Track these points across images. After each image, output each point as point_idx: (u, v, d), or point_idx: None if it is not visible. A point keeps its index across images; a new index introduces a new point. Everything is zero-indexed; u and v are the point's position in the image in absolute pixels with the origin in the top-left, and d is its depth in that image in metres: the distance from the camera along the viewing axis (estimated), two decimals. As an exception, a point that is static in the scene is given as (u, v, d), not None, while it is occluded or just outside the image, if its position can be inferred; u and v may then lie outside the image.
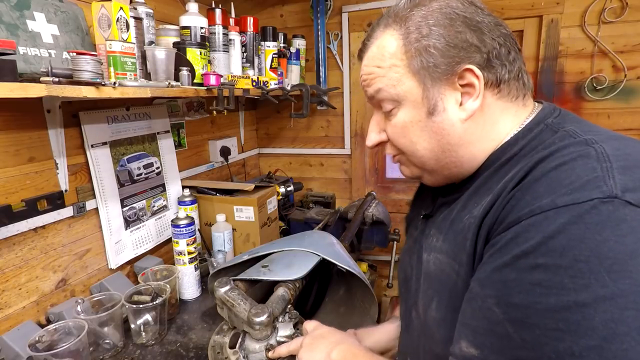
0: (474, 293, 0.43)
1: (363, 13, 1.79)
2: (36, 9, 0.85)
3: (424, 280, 0.60)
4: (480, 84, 0.51)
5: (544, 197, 0.39)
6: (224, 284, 0.83)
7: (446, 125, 0.53)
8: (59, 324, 0.84)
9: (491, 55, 0.51)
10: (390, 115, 0.57)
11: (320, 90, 1.79)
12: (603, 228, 0.35)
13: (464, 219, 0.52)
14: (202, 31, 1.16)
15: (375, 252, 1.92)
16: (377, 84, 0.56)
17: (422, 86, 0.53)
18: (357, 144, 1.93)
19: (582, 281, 0.34)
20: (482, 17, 0.52)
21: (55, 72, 0.71)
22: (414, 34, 0.52)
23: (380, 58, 0.55)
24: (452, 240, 0.54)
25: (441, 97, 0.53)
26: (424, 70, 0.52)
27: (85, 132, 1.06)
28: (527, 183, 0.43)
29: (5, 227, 0.88)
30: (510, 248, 0.40)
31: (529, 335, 0.36)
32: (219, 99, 1.12)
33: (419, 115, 0.54)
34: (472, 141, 0.54)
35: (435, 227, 0.61)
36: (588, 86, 1.53)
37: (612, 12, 1.46)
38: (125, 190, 1.20)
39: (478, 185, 0.54)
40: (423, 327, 0.59)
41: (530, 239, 0.38)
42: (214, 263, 1.19)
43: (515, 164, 0.49)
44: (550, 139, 0.48)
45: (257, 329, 0.75)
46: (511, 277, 0.38)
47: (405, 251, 0.74)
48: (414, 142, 0.56)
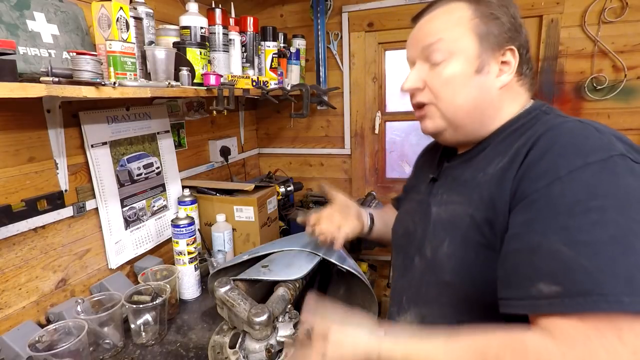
0: (536, 242, 0.49)
1: (363, 13, 1.78)
2: (36, 9, 0.85)
3: (434, 227, 0.70)
4: (515, 63, 0.64)
5: (574, 158, 0.49)
6: (224, 284, 0.83)
7: (486, 85, 0.64)
8: (59, 324, 0.84)
9: (523, 48, 0.65)
10: (439, 66, 0.66)
11: (320, 90, 1.79)
12: (625, 174, 0.47)
13: (478, 177, 0.64)
14: (202, 31, 1.16)
15: (375, 252, 1.91)
16: (439, 35, 0.65)
17: (479, 47, 0.63)
18: (357, 143, 1.93)
19: (627, 214, 0.45)
20: (521, 22, 0.66)
21: (55, 72, 0.71)
22: (483, 8, 0.64)
23: (447, 17, 0.65)
24: (466, 194, 0.64)
25: (488, 62, 0.64)
26: (484, 34, 0.63)
27: (85, 132, 1.06)
28: (546, 148, 0.53)
29: (5, 227, 0.88)
30: (560, 199, 0.48)
31: (601, 261, 0.43)
32: (219, 99, 1.12)
33: (468, 70, 0.64)
34: (498, 108, 0.66)
35: (443, 188, 0.73)
36: (588, 86, 1.53)
37: (612, 12, 1.46)
38: (125, 190, 1.20)
39: (488, 152, 0.66)
40: (430, 265, 0.69)
41: (577, 190, 0.48)
42: (214, 263, 1.19)
43: (520, 135, 0.61)
44: (545, 118, 0.62)
45: (257, 329, 0.75)
46: (570, 222, 0.46)
47: (406, 212, 0.83)
48: (455, 92, 0.65)
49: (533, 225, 0.50)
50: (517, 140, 0.60)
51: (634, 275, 0.42)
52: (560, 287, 0.45)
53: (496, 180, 0.59)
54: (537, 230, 0.49)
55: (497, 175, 0.59)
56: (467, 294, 0.63)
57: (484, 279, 0.58)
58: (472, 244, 0.61)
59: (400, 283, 0.79)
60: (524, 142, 0.58)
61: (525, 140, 0.58)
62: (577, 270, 0.44)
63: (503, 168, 0.59)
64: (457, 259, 0.63)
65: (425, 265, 0.70)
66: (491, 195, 0.58)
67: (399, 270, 0.81)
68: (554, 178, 0.49)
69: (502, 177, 0.58)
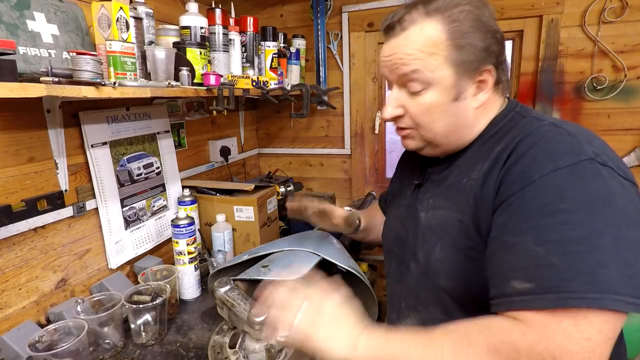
0: (511, 242, 0.52)
1: (363, 13, 1.78)
2: (36, 9, 0.85)
3: (424, 233, 0.71)
4: (491, 82, 0.64)
5: (546, 163, 0.52)
6: (224, 284, 0.83)
7: (463, 110, 0.65)
8: (59, 324, 0.84)
9: (500, 59, 0.65)
10: (417, 95, 0.66)
11: (320, 90, 1.78)
12: (593, 178, 0.50)
13: (462, 182, 0.65)
14: (202, 31, 1.16)
15: (375, 252, 1.91)
16: (415, 66, 0.63)
17: (456, 76, 0.63)
18: (357, 143, 1.93)
19: (593, 215, 0.48)
20: (495, 27, 0.64)
21: (55, 72, 0.71)
22: (457, 32, 0.61)
23: (423, 43, 0.62)
24: (453, 199, 0.66)
25: (466, 87, 0.64)
26: (460, 63, 0.62)
27: (85, 132, 1.06)
28: (522, 154, 0.56)
29: (5, 227, 0.88)
30: (532, 202, 0.51)
31: (568, 259, 0.47)
32: (219, 99, 1.12)
33: (446, 99, 0.64)
34: (475, 124, 0.68)
35: (429, 192, 0.74)
36: (588, 86, 1.53)
37: (612, 12, 1.46)
38: (125, 190, 1.20)
39: (469, 156, 0.68)
40: (425, 270, 0.70)
41: (548, 193, 0.51)
42: (214, 263, 1.19)
43: (499, 139, 0.64)
44: (523, 122, 0.64)
45: (257, 329, 0.75)
46: (542, 223, 0.50)
47: (395, 217, 0.84)
48: (434, 120, 0.66)
49: (508, 226, 0.53)
50: (497, 145, 0.63)
51: (597, 272, 0.46)
52: (532, 284, 0.48)
53: (480, 185, 0.61)
54: (511, 231, 0.53)
55: (480, 180, 0.62)
56: (463, 298, 0.65)
57: (477, 282, 0.60)
58: (462, 249, 0.63)
59: (397, 289, 0.80)
60: (503, 147, 0.61)
61: (505, 145, 0.61)
62: (547, 268, 0.48)
63: (485, 173, 0.61)
64: (450, 264, 0.64)
65: (420, 271, 0.71)
66: (476, 200, 0.61)
67: (394, 277, 0.82)
68: (528, 182, 0.53)
69: (484, 182, 0.60)
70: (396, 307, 0.80)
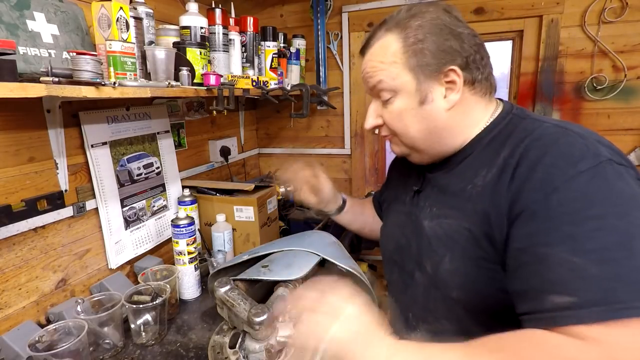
0: (543, 254, 0.49)
1: (363, 13, 1.78)
2: (36, 9, 0.85)
3: (429, 243, 0.70)
4: (460, 81, 0.64)
5: (566, 168, 0.51)
6: (224, 284, 0.83)
7: (433, 113, 0.66)
8: (59, 324, 0.84)
9: (469, 59, 0.64)
10: (388, 103, 0.69)
11: (320, 90, 1.78)
12: (616, 179, 0.49)
13: (467, 189, 0.64)
14: (202, 31, 1.16)
15: (375, 252, 1.91)
16: (379, 76, 0.68)
17: (416, 80, 0.65)
18: (357, 144, 1.93)
19: (624, 218, 0.47)
20: (462, 29, 0.65)
21: (55, 72, 0.71)
22: (412, 39, 0.64)
23: (383, 55, 0.67)
24: (459, 207, 0.65)
25: (431, 90, 0.65)
26: (418, 68, 0.64)
27: (85, 132, 1.06)
28: (536, 159, 0.54)
29: (5, 227, 0.88)
30: (560, 210, 0.50)
31: (609, 268, 0.45)
32: (219, 99, 1.12)
33: (413, 104, 0.66)
34: (453, 126, 0.68)
35: (431, 199, 0.73)
36: (588, 86, 1.53)
37: (612, 12, 1.46)
38: (125, 190, 1.20)
39: (470, 161, 0.67)
40: (433, 281, 0.68)
41: (575, 199, 0.49)
42: (214, 263, 1.19)
43: (501, 143, 0.63)
44: (523, 124, 0.63)
45: (257, 329, 0.75)
46: (575, 231, 0.48)
47: (394, 224, 0.83)
48: (407, 125, 0.69)
49: (537, 237, 0.51)
50: (501, 150, 0.62)
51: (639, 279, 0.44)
52: (574, 298, 0.46)
53: (488, 193, 0.60)
54: (541, 242, 0.50)
55: (488, 188, 0.60)
56: (476, 307, 0.64)
57: (490, 291, 0.60)
58: (473, 259, 0.62)
59: (403, 300, 0.79)
60: (509, 153, 0.60)
61: (510, 150, 0.60)
62: (588, 279, 0.45)
63: (493, 181, 0.60)
64: (461, 275, 0.63)
65: (428, 281, 0.70)
66: (485, 209, 0.59)
67: (398, 286, 0.81)
68: (551, 189, 0.51)
69: (493, 191, 0.59)
70: (403, 317, 0.78)
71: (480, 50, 0.66)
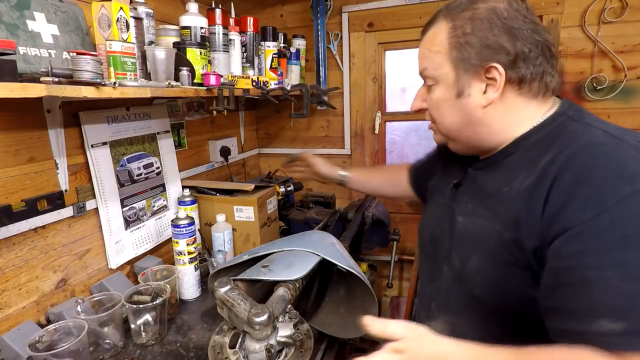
0: (592, 277, 0.48)
1: (363, 13, 1.78)
2: (36, 9, 0.85)
3: (459, 238, 0.71)
4: (501, 80, 0.62)
5: (620, 185, 0.48)
6: (224, 284, 0.83)
7: (469, 107, 0.66)
8: (59, 324, 0.84)
9: (518, 58, 0.61)
10: (430, 90, 0.70)
11: (320, 90, 1.79)
12: None
13: (503, 191, 0.63)
14: (202, 31, 1.16)
15: (375, 252, 1.91)
16: (424, 64, 0.69)
17: (455, 73, 0.65)
18: (357, 144, 1.93)
19: None
20: (520, 24, 0.61)
21: (55, 72, 0.71)
22: (459, 30, 0.63)
23: (431, 43, 0.68)
24: (492, 209, 0.65)
25: (469, 84, 0.64)
26: (459, 61, 0.64)
27: (85, 132, 1.06)
28: (583, 172, 0.52)
29: (6, 227, 0.88)
30: (611, 232, 0.47)
31: None
32: (219, 99, 1.12)
33: (450, 95, 0.67)
34: (491, 124, 0.66)
35: (467, 195, 0.73)
36: (588, 86, 1.53)
37: (612, 12, 1.46)
38: (125, 190, 1.20)
39: (511, 161, 0.66)
40: (460, 276, 0.70)
41: (629, 222, 0.47)
42: (214, 263, 1.19)
43: (546, 147, 0.60)
44: (572, 127, 0.60)
45: (257, 329, 0.75)
46: (627, 256, 0.46)
47: (431, 215, 0.84)
48: (443, 114, 0.70)
49: (584, 258, 0.49)
50: (544, 154, 0.59)
51: None
52: (625, 324, 0.46)
53: (525, 199, 0.58)
54: (589, 264, 0.49)
55: (525, 193, 0.58)
56: (497, 308, 0.64)
57: (514, 295, 0.60)
58: (500, 262, 0.61)
59: (429, 289, 0.81)
60: (551, 159, 0.57)
61: (553, 156, 0.57)
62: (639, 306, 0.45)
63: (530, 187, 0.58)
64: (486, 276, 0.64)
65: (454, 276, 0.71)
66: (517, 214, 0.58)
67: (427, 276, 0.83)
68: (602, 209, 0.48)
69: (529, 197, 0.57)
70: (426, 306, 0.80)
71: (539, 48, 0.61)
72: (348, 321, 0.99)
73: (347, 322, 0.99)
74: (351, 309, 1.00)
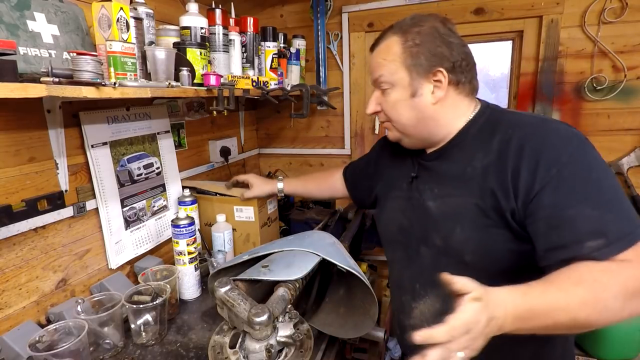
0: (571, 215, 0.64)
1: (363, 13, 1.79)
2: (36, 9, 0.85)
3: (435, 219, 0.83)
4: (445, 81, 0.78)
5: (565, 146, 0.68)
6: (224, 284, 0.83)
7: (421, 105, 0.80)
8: (59, 324, 0.84)
9: (456, 64, 0.78)
10: (386, 93, 0.83)
11: (320, 90, 1.78)
12: (591, 148, 0.69)
13: (467, 171, 0.78)
14: (202, 31, 1.16)
15: (375, 252, 1.92)
16: (380, 71, 0.82)
17: (409, 77, 0.79)
18: (357, 144, 1.93)
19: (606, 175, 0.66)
20: (454, 39, 0.79)
21: (55, 72, 0.71)
22: (410, 42, 0.78)
23: (386, 54, 0.81)
24: (462, 187, 0.79)
25: (421, 85, 0.79)
26: (412, 67, 0.78)
27: (85, 132, 1.06)
28: (540, 145, 0.69)
29: (6, 227, 0.88)
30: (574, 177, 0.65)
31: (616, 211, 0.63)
32: (219, 99, 1.12)
33: (405, 96, 0.81)
34: (438, 118, 0.81)
35: (430, 183, 0.86)
36: (588, 86, 1.53)
37: (612, 12, 1.46)
38: (126, 190, 1.20)
39: (462, 149, 0.81)
40: (443, 251, 0.82)
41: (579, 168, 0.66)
42: (214, 263, 1.19)
43: (491, 132, 0.77)
44: (505, 116, 0.80)
45: (257, 329, 0.75)
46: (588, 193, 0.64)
47: (394, 210, 0.95)
48: (400, 113, 0.83)
49: (561, 202, 0.65)
50: (492, 137, 0.76)
51: (632, 213, 0.64)
52: (604, 239, 0.61)
53: (492, 173, 0.74)
54: (565, 205, 0.65)
55: (490, 168, 0.74)
56: (486, 267, 0.75)
57: (498, 252, 0.74)
58: (482, 227, 0.75)
59: (408, 273, 0.91)
60: (502, 138, 0.75)
61: (502, 136, 0.75)
62: (608, 223, 0.62)
63: (492, 163, 0.74)
64: (474, 241, 0.76)
65: (437, 252, 0.83)
66: (490, 186, 0.73)
67: (402, 263, 0.93)
68: (560, 165, 0.66)
69: (496, 171, 0.73)
70: (409, 289, 0.90)
71: (467, 58, 0.79)
72: (348, 321, 0.99)
73: (347, 322, 0.99)
74: (351, 309, 1.00)
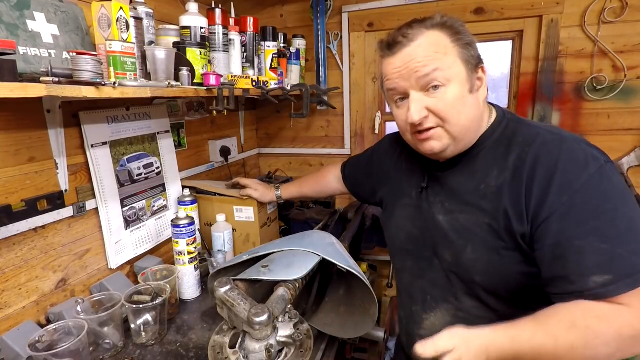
0: (579, 246, 0.60)
1: (363, 13, 1.78)
2: (36, 9, 0.85)
3: (446, 235, 0.78)
4: (485, 79, 0.75)
5: (580, 172, 0.63)
6: (224, 284, 0.83)
7: (477, 102, 0.74)
8: (59, 324, 0.84)
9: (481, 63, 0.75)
10: (438, 92, 0.71)
11: (320, 90, 1.79)
12: (612, 176, 0.63)
13: (480, 188, 0.74)
14: (202, 31, 1.16)
15: (375, 252, 1.92)
16: (435, 65, 0.70)
17: (466, 70, 0.72)
18: (357, 144, 1.93)
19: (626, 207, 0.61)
20: None
21: (55, 72, 0.71)
22: (459, 35, 0.72)
23: (436, 46, 0.71)
24: (474, 204, 0.74)
25: (474, 81, 0.73)
26: (468, 59, 0.72)
27: (85, 132, 1.06)
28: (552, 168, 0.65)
29: (6, 227, 0.88)
30: (584, 207, 0.61)
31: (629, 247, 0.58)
32: (219, 99, 1.12)
33: (464, 92, 0.72)
34: (482, 119, 0.77)
35: (441, 196, 0.81)
36: (588, 86, 1.53)
37: (612, 12, 1.46)
38: (125, 190, 1.20)
39: (477, 162, 0.76)
40: (454, 267, 0.78)
41: (593, 197, 0.61)
42: (214, 263, 1.19)
43: (507, 146, 0.73)
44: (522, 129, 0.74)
45: (257, 329, 0.75)
46: (599, 224, 0.60)
47: (403, 218, 0.90)
48: (460, 112, 0.72)
49: (569, 232, 0.61)
50: (508, 154, 0.72)
51: None
52: (611, 275, 0.57)
53: (506, 193, 0.70)
54: (574, 236, 0.61)
55: (505, 188, 0.70)
56: (496, 286, 0.74)
57: (508, 273, 0.71)
58: (494, 248, 0.72)
59: (419, 284, 0.88)
60: (517, 156, 0.71)
61: (517, 155, 0.71)
62: (617, 259, 0.58)
63: (507, 182, 0.70)
64: (484, 263, 0.73)
65: (449, 268, 0.80)
66: (504, 207, 0.70)
67: (412, 272, 0.90)
68: (572, 191, 0.62)
69: (510, 192, 0.69)
70: (420, 300, 0.88)
71: None
72: (348, 321, 0.99)
73: (347, 322, 0.99)
74: (351, 309, 1.00)
